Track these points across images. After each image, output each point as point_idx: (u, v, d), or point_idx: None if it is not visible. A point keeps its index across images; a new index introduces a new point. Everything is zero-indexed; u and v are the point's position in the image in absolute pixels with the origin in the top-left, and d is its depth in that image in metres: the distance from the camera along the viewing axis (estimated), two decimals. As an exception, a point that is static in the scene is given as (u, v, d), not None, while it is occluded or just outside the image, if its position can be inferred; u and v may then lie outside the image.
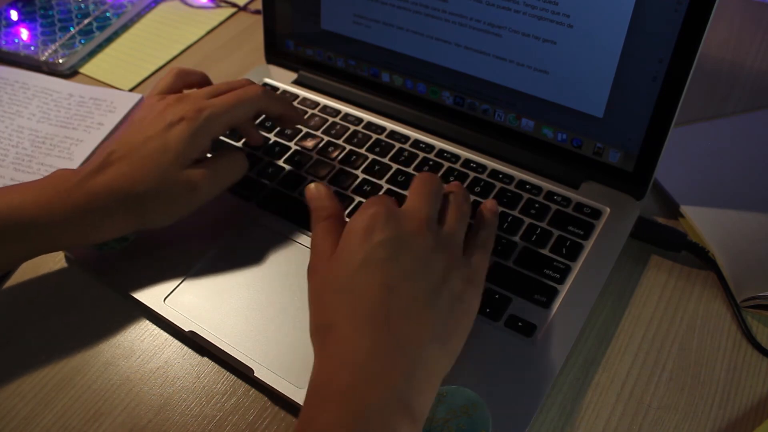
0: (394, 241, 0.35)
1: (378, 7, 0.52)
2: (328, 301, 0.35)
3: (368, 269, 0.34)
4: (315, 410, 0.31)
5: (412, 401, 0.31)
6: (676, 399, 0.39)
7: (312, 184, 0.41)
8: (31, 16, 0.74)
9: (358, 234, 0.36)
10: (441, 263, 0.36)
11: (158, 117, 0.43)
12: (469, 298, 0.36)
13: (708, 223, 0.47)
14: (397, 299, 0.33)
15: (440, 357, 0.34)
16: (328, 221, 0.39)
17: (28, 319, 0.45)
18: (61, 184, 0.41)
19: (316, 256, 0.37)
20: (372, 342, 0.32)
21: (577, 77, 0.46)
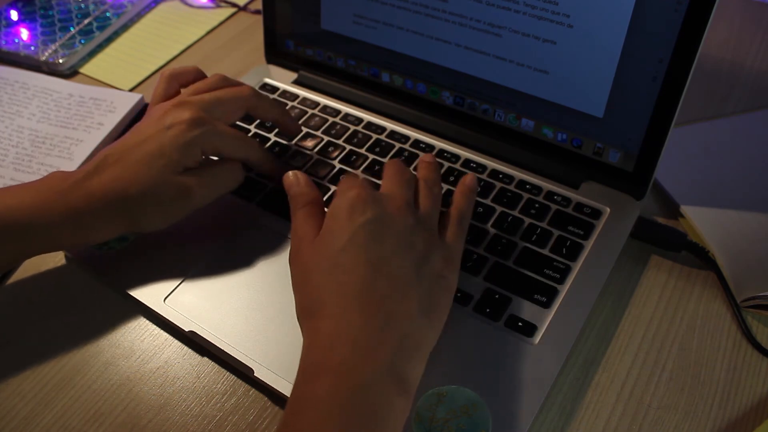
0: (378, 220, 0.36)
1: (378, 7, 0.52)
2: (315, 282, 0.36)
3: (354, 249, 0.35)
4: (309, 386, 0.32)
5: (404, 373, 0.33)
6: (676, 399, 0.39)
7: (290, 172, 0.42)
8: (31, 16, 0.74)
9: (342, 215, 0.37)
10: (422, 242, 0.37)
11: (156, 122, 0.43)
12: (449, 274, 0.38)
13: (708, 223, 0.47)
14: (383, 276, 0.35)
15: (427, 330, 0.35)
16: (308, 207, 0.40)
17: (28, 319, 0.45)
18: (57, 185, 0.41)
19: (299, 241, 0.38)
20: (362, 318, 0.33)
21: (577, 77, 0.46)
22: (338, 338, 0.33)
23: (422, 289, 0.36)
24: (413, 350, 0.34)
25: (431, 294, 0.36)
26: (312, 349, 0.34)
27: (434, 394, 0.36)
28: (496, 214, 0.47)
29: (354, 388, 0.31)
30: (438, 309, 0.37)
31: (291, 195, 0.41)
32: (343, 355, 0.32)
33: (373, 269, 0.35)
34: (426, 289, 0.36)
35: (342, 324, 0.33)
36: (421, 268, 0.36)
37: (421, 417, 0.35)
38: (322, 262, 0.36)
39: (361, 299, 0.34)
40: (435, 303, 0.36)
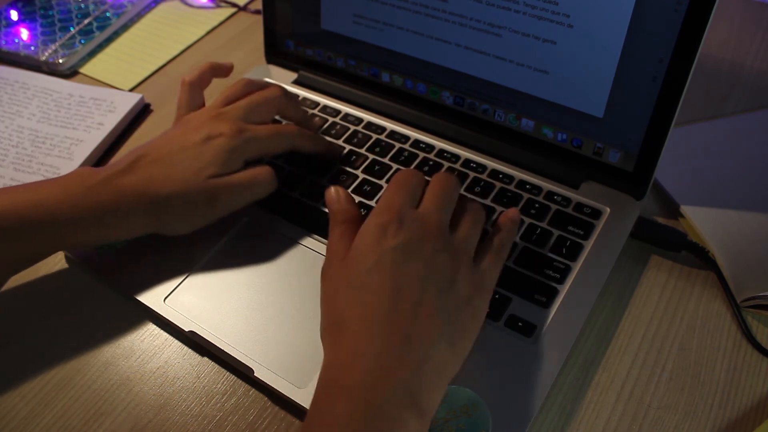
0: (405, 247, 0.36)
1: (378, 7, 0.52)
2: (339, 301, 0.36)
3: (379, 272, 0.35)
4: (326, 404, 0.32)
5: (420, 397, 0.32)
6: (676, 399, 0.39)
7: (332, 188, 0.42)
8: (31, 16, 0.74)
9: (371, 238, 0.37)
10: (450, 268, 0.36)
11: (196, 130, 0.44)
12: (478, 302, 0.37)
13: (708, 223, 0.47)
14: (406, 301, 0.34)
15: (448, 357, 0.34)
16: (345, 225, 0.39)
17: (28, 319, 0.45)
18: (85, 181, 0.41)
19: (331, 258, 0.38)
20: (382, 339, 0.33)
21: (577, 77, 0.46)
22: (356, 359, 0.33)
23: (447, 315, 0.35)
24: (432, 375, 0.33)
25: (456, 321, 0.35)
26: (331, 366, 0.34)
27: (434, 394, 0.36)
28: (496, 214, 0.47)
29: (369, 409, 0.31)
30: (462, 337, 0.36)
31: (331, 211, 0.41)
32: (360, 375, 0.32)
33: (397, 293, 0.34)
34: (451, 315, 0.35)
35: (361, 344, 0.33)
36: (447, 294, 0.35)
37: (421, 417, 0.35)
38: (349, 281, 0.36)
39: (382, 322, 0.34)
40: (460, 330, 0.35)
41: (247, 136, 0.44)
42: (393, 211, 0.38)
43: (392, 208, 0.38)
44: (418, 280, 0.35)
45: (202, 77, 0.49)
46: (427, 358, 0.33)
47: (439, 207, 0.39)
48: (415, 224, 0.37)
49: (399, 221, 0.37)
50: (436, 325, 0.34)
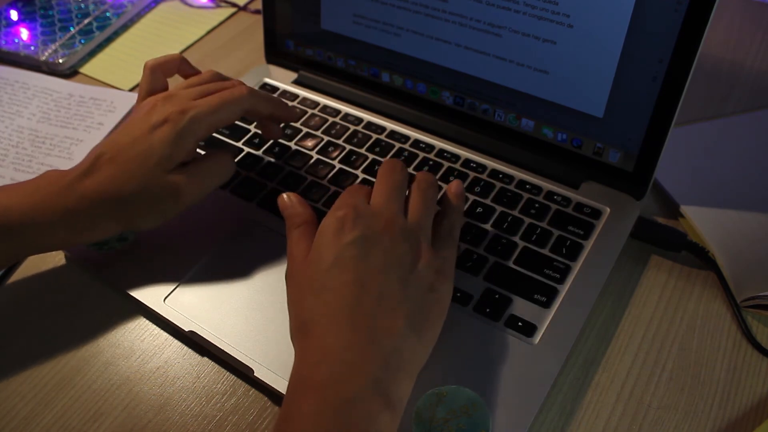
0: (363, 240, 0.37)
1: (378, 7, 0.52)
2: (304, 303, 0.36)
3: (340, 268, 0.36)
4: (295, 403, 0.32)
5: (389, 390, 0.33)
6: (676, 399, 0.39)
7: (283, 194, 0.42)
8: (31, 16, 0.74)
9: (328, 236, 0.37)
10: (409, 256, 0.37)
11: (144, 119, 0.42)
12: (440, 287, 0.37)
13: (708, 223, 0.47)
14: (369, 295, 0.35)
15: (415, 346, 0.35)
16: (302, 228, 0.40)
17: (28, 319, 0.45)
18: (52, 185, 0.41)
19: (292, 261, 0.39)
20: (348, 336, 0.33)
21: (577, 77, 0.46)
22: (324, 355, 0.33)
23: (411, 304, 0.35)
24: (400, 366, 0.34)
25: (421, 309, 0.36)
26: (300, 366, 0.34)
27: (434, 394, 0.36)
28: (496, 214, 0.47)
29: (338, 405, 0.31)
30: (428, 323, 0.36)
31: (285, 216, 0.41)
32: (329, 372, 0.32)
33: (359, 288, 0.35)
34: (415, 304, 0.36)
35: (328, 341, 0.33)
36: (409, 283, 0.36)
37: (421, 417, 0.35)
38: (311, 282, 0.36)
39: (347, 317, 0.34)
40: (425, 318, 0.36)
41: (191, 115, 0.42)
42: (348, 207, 0.38)
43: (346, 204, 0.39)
44: (379, 272, 0.36)
45: (166, 64, 0.48)
46: (394, 350, 0.34)
47: (390, 196, 0.40)
48: (371, 217, 0.38)
49: (354, 215, 0.38)
50: (401, 316, 0.35)
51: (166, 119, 0.42)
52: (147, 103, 0.44)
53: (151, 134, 0.41)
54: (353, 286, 0.35)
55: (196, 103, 0.43)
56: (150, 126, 0.42)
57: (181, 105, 0.43)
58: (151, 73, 0.47)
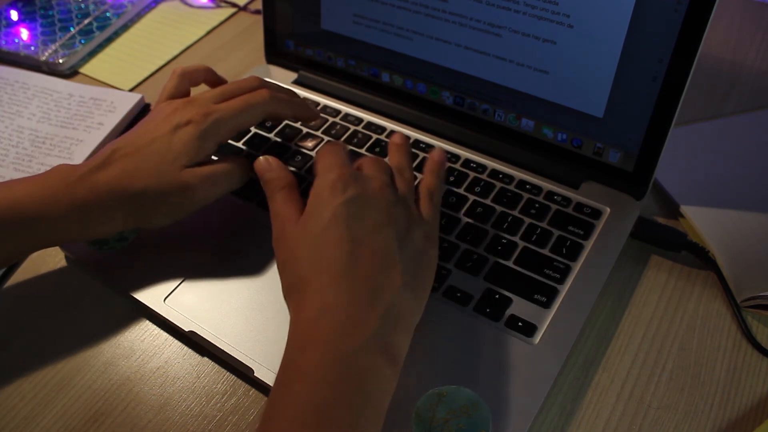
0: (360, 198, 0.37)
1: (378, 7, 0.52)
2: (300, 260, 0.36)
3: (338, 225, 0.36)
4: (296, 358, 0.33)
5: (390, 344, 0.34)
6: (676, 399, 0.39)
7: (261, 157, 0.43)
8: (31, 16, 0.74)
9: (324, 194, 0.38)
10: (403, 218, 0.38)
11: (166, 120, 0.43)
12: (430, 250, 0.39)
13: (708, 223, 0.47)
14: (367, 251, 0.36)
15: (411, 303, 0.36)
16: (285, 190, 0.40)
17: (28, 319, 0.45)
18: (64, 178, 0.41)
19: (282, 223, 0.39)
20: (348, 291, 0.34)
21: (577, 77, 0.46)
22: (324, 311, 0.33)
23: (406, 262, 0.36)
24: (399, 321, 0.35)
25: (415, 268, 0.37)
26: (298, 323, 0.34)
27: (434, 394, 0.36)
28: (496, 214, 0.47)
29: (341, 359, 0.32)
30: (423, 282, 0.38)
31: (265, 180, 0.41)
32: (330, 328, 0.33)
33: (357, 244, 0.35)
34: (410, 262, 0.37)
35: (328, 297, 0.34)
36: (404, 243, 0.37)
37: (421, 417, 0.35)
38: (307, 240, 0.37)
39: (346, 274, 0.35)
40: (419, 277, 0.37)
41: (214, 118, 0.43)
42: (339, 170, 0.39)
43: (337, 166, 0.39)
44: (377, 230, 0.36)
45: (195, 74, 0.49)
46: (393, 306, 0.34)
47: (378, 170, 0.41)
48: (365, 180, 0.39)
49: (349, 178, 0.38)
50: (399, 273, 0.36)
51: (189, 120, 0.43)
52: (168, 106, 0.44)
53: (173, 134, 0.42)
54: (351, 243, 0.35)
55: (220, 106, 0.44)
56: (172, 126, 0.42)
57: (205, 108, 0.44)
58: (179, 79, 0.47)
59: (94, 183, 0.41)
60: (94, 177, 0.41)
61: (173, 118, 0.43)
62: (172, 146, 0.42)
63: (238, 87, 0.46)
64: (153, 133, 0.43)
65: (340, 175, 0.38)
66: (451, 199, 0.48)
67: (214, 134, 0.43)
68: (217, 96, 0.45)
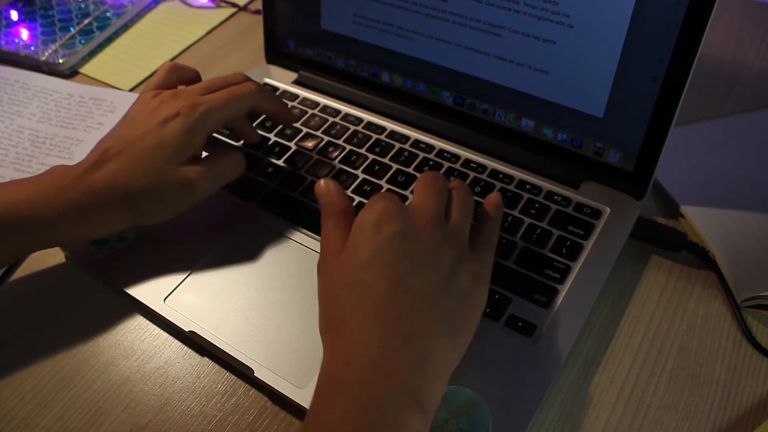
0: (403, 236, 0.35)
1: (378, 7, 0.52)
2: (337, 297, 0.35)
3: (377, 263, 0.34)
4: (325, 404, 0.31)
5: (422, 395, 0.31)
6: (676, 399, 0.39)
7: (322, 180, 0.41)
8: (31, 16, 0.74)
9: (367, 229, 0.36)
10: (449, 257, 0.36)
11: (153, 113, 0.43)
12: (477, 292, 0.37)
13: (708, 223, 0.47)
14: (406, 293, 0.33)
15: (449, 351, 0.34)
16: (338, 217, 0.38)
17: (28, 318, 0.45)
18: (59, 180, 0.41)
19: (326, 253, 0.37)
20: (382, 336, 0.32)
21: (577, 77, 0.46)
22: (355, 356, 0.32)
23: (447, 307, 0.34)
24: (433, 371, 0.33)
25: (457, 312, 0.35)
26: (329, 366, 0.33)
27: (434, 394, 0.36)
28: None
29: (369, 407, 0.30)
30: (463, 329, 0.35)
31: (322, 203, 0.40)
32: (360, 373, 0.31)
33: (395, 286, 0.33)
34: (451, 307, 0.34)
35: (360, 342, 0.32)
36: (448, 286, 0.35)
37: (421, 417, 0.35)
38: (345, 276, 0.35)
39: (381, 317, 0.33)
40: (461, 322, 0.35)
41: (202, 109, 0.43)
42: (388, 203, 0.37)
43: (386, 199, 0.37)
44: (418, 271, 0.34)
45: (185, 71, 0.48)
46: (429, 354, 0.32)
47: (432, 198, 0.38)
48: (412, 214, 0.37)
49: (394, 211, 0.36)
50: (438, 319, 0.33)
51: (177, 113, 0.42)
52: (154, 99, 0.44)
53: (162, 128, 0.42)
54: (390, 284, 0.33)
55: (206, 98, 0.44)
56: (160, 120, 0.42)
57: (191, 100, 0.43)
58: (168, 72, 0.47)
59: (90, 183, 0.41)
60: (90, 177, 0.41)
61: (161, 111, 0.43)
62: (162, 140, 0.41)
63: (223, 80, 0.46)
64: (142, 127, 0.42)
65: (384, 207, 0.36)
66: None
67: (201, 126, 0.43)
68: (202, 88, 0.45)
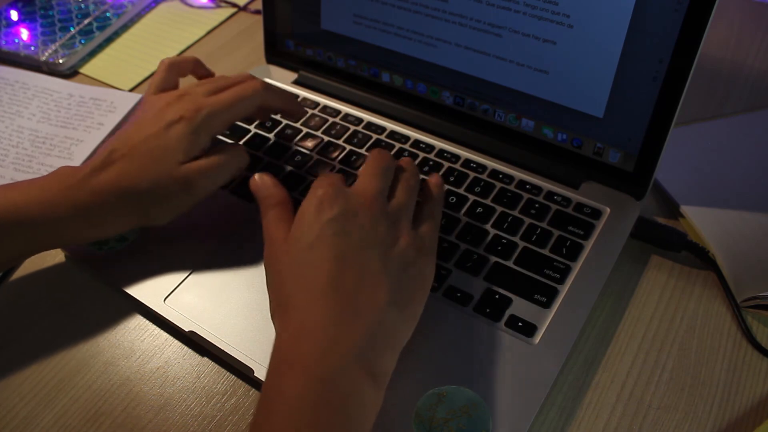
0: (343, 216, 0.37)
1: (378, 7, 0.52)
2: (285, 280, 0.36)
3: (321, 245, 0.36)
4: (278, 378, 0.32)
5: (373, 364, 0.33)
6: (676, 399, 0.39)
7: (256, 175, 0.42)
8: (31, 16, 0.74)
9: (309, 214, 0.37)
10: (390, 233, 0.37)
11: (158, 115, 0.43)
12: (421, 264, 0.38)
13: (708, 223, 0.47)
14: (350, 269, 0.35)
15: (398, 321, 0.35)
16: (277, 208, 0.40)
17: (28, 319, 0.45)
18: (65, 181, 0.41)
19: (271, 243, 0.38)
20: (330, 310, 0.33)
21: (577, 77, 0.46)
22: (304, 332, 0.33)
23: (392, 279, 0.35)
24: (383, 341, 0.34)
25: (403, 284, 0.36)
26: (280, 344, 0.34)
27: (434, 394, 0.36)
28: (496, 214, 0.47)
29: (322, 381, 0.31)
30: (411, 300, 0.36)
31: (259, 197, 0.41)
32: (310, 348, 0.32)
33: (339, 263, 0.35)
34: (397, 279, 0.36)
35: (308, 317, 0.33)
36: (390, 259, 0.36)
37: (421, 417, 0.35)
38: (292, 260, 0.36)
39: (327, 293, 0.34)
40: (407, 293, 0.36)
41: (206, 112, 0.43)
42: (328, 186, 0.38)
43: (326, 182, 0.38)
44: (360, 248, 0.36)
45: (183, 64, 0.49)
46: (378, 324, 0.34)
47: (374, 178, 0.40)
48: (352, 195, 0.38)
49: (334, 194, 0.38)
50: (383, 291, 0.35)
51: (181, 116, 0.43)
52: (159, 101, 0.44)
53: (167, 131, 0.42)
54: (334, 262, 0.35)
55: (211, 100, 0.44)
56: (165, 123, 0.43)
57: (196, 102, 0.44)
58: (166, 71, 0.48)
59: (96, 185, 0.41)
60: (95, 179, 0.41)
61: (166, 114, 0.43)
62: (167, 143, 0.42)
63: (229, 80, 0.47)
64: (147, 130, 0.43)
65: (325, 192, 0.38)
66: (451, 199, 0.48)
67: (206, 128, 0.43)
68: (208, 89, 0.45)
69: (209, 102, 0.44)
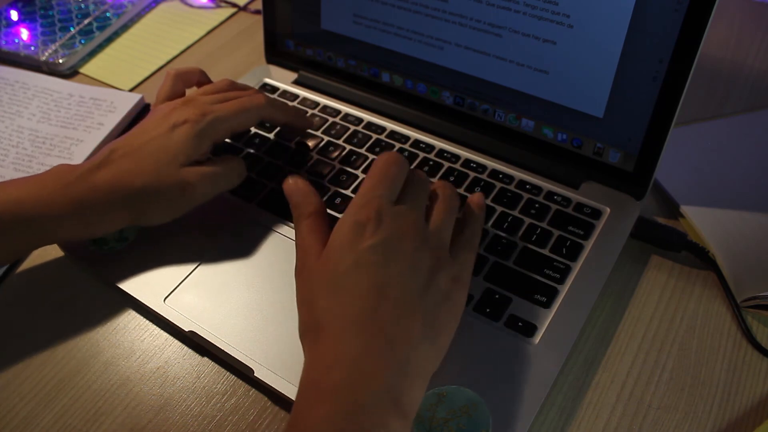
0: (384, 245, 0.35)
1: (378, 7, 0.52)
2: (317, 301, 0.35)
3: (358, 271, 0.35)
4: (306, 408, 0.32)
5: (402, 398, 0.32)
6: (676, 399, 0.39)
7: (290, 178, 0.41)
8: (31, 16, 0.74)
9: (348, 236, 0.36)
10: (428, 263, 0.36)
11: (163, 119, 0.44)
12: (456, 295, 0.37)
13: (708, 223, 0.47)
14: (387, 300, 0.34)
15: (429, 354, 0.34)
16: (312, 218, 0.39)
17: (27, 319, 0.45)
18: (62, 178, 0.41)
19: (304, 255, 0.37)
20: (363, 342, 0.33)
21: (577, 77, 0.46)
22: (337, 360, 0.32)
23: (427, 312, 0.35)
24: (413, 375, 0.33)
25: (436, 316, 0.35)
26: (310, 370, 0.33)
27: (434, 394, 0.36)
28: (496, 214, 0.47)
29: (350, 411, 0.31)
30: (442, 332, 0.36)
31: (293, 203, 0.40)
32: (342, 377, 0.31)
33: (376, 293, 0.34)
34: (430, 311, 0.35)
35: (341, 346, 0.33)
36: (427, 291, 0.35)
37: (421, 417, 0.35)
38: (326, 281, 0.35)
39: (362, 323, 0.33)
40: (440, 325, 0.35)
41: (211, 118, 0.44)
42: (371, 208, 0.37)
43: (370, 204, 0.37)
44: (399, 279, 0.35)
45: (189, 75, 0.50)
46: (409, 358, 0.33)
47: (415, 202, 0.39)
48: (394, 222, 0.37)
49: (377, 219, 0.36)
50: (418, 324, 0.34)
51: (186, 119, 0.43)
52: (166, 107, 0.45)
53: (171, 133, 0.43)
54: (370, 291, 0.34)
55: (216, 107, 0.45)
56: (170, 126, 0.43)
57: (202, 108, 0.44)
58: (173, 80, 0.49)
59: (93, 182, 0.41)
60: (93, 176, 0.41)
61: (171, 118, 0.44)
62: (169, 145, 0.42)
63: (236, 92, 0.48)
64: (151, 132, 0.43)
65: (368, 216, 0.36)
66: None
67: (209, 134, 0.44)
68: (214, 98, 0.46)
69: (214, 109, 0.45)
